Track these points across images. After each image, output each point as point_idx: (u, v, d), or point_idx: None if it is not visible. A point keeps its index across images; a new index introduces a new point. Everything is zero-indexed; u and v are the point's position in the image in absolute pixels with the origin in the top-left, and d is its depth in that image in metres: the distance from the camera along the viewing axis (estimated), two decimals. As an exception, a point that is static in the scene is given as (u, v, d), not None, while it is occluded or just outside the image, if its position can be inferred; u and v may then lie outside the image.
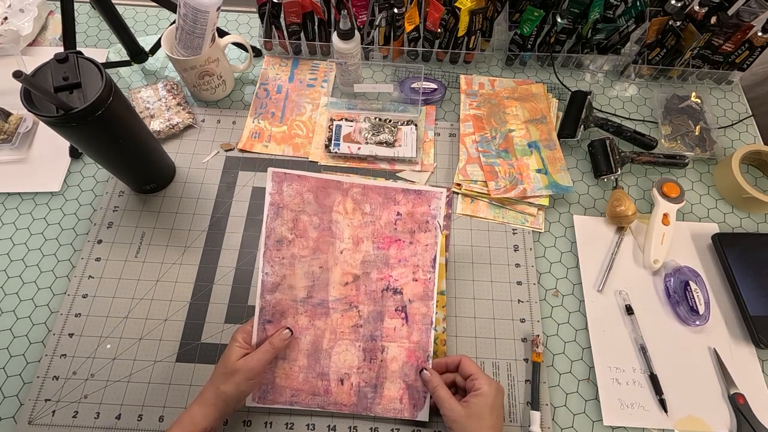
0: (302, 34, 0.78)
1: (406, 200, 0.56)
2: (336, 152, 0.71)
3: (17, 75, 0.43)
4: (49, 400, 0.54)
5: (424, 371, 0.51)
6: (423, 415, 0.53)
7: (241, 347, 0.49)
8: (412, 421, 0.54)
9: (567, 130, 0.71)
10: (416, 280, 0.55)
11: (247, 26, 0.87)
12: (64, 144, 0.70)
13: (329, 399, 0.53)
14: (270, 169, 0.52)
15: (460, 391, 0.52)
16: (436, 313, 0.59)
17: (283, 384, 0.53)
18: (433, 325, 0.54)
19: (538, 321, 0.60)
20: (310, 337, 0.54)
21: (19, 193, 0.67)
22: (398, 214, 0.56)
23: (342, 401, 0.53)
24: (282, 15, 0.74)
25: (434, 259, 0.55)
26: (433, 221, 0.56)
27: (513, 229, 0.67)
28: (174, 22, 0.66)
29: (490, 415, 0.47)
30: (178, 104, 0.73)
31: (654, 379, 0.57)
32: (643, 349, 0.58)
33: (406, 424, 0.54)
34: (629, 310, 0.61)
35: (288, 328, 0.52)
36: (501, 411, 0.48)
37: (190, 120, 0.73)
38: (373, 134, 0.72)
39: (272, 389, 0.53)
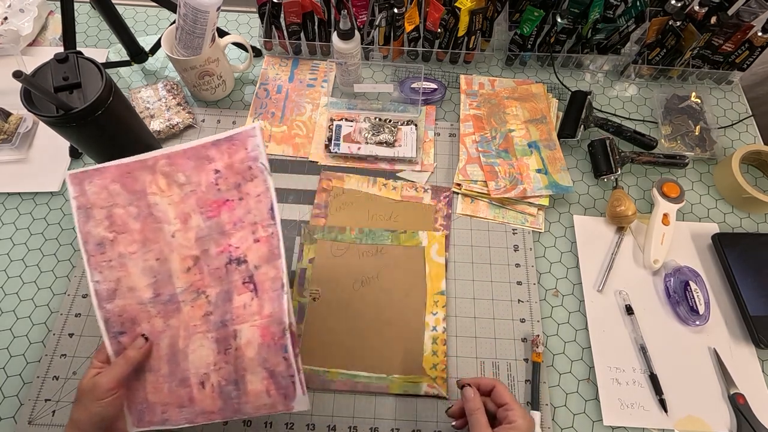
0: (302, 34, 0.78)
1: (219, 153, 0.49)
2: (336, 152, 0.71)
3: (17, 75, 0.43)
4: (49, 400, 0.54)
5: (467, 388, 0.47)
6: (301, 404, 0.45)
7: (95, 368, 0.44)
8: (411, 420, 0.54)
9: (567, 130, 0.71)
10: (258, 240, 0.47)
11: (247, 26, 0.87)
12: (64, 144, 0.70)
13: (195, 409, 0.45)
14: (67, 173, 0.48)
15: (488, 415, 0.47)
16: (436, 313, 0.60)
17: (154, 400, 0.46)
18: (286, 289, 0.45)
19: (538, 321, 0.60)
20: (167, 340, 0.47)
21: (19, 193, 0.67)
22: (216, 171, 0.49)
23: (207, 408, 0.45)
24: (282, 15, 0.74)
25: (272, 209, 0.47)
26: (256, 164, 0.48)
27: (513, 229, 0.67)
28: (174, 22, 0.66)
29: None
30: (178, 104, 0.73)
31: (654, 379, 0.57)
32: (643, 349, 0.58)
33: (406, 423, 0.54)
34: (629, 310, 0.61)
35: (143, 335, 0.45)
36: None
37: (190, 120, 0.73)
38: (373, 134, 0.72)
39: (147, 408, 0.46)
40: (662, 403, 0.55)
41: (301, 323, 0.59)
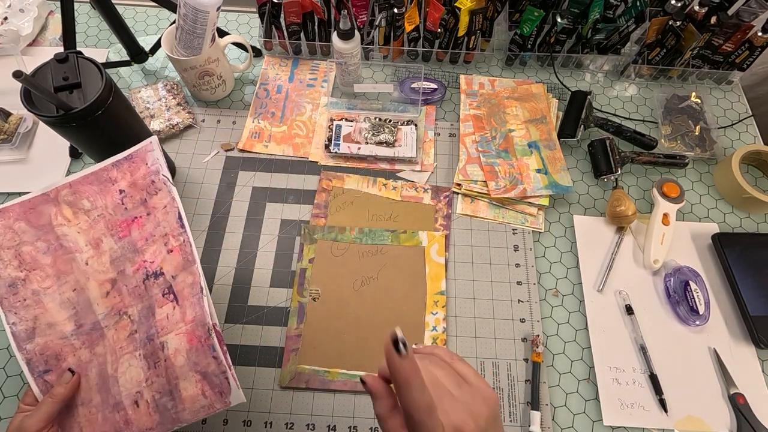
0: (302, 34, 0.78)
1: (121, 173, 0.50)
2: (336, 152, 0.71)
3: (17, 75, 0.43)
4: None
5: (367, 378, 0.31)
6: (237, 398, 0.44)
7: (22, 411, 0.43)
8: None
9: (567, 130, 0.71)
10: (171, 251, 0.48)
11: (247, 26, 0.87)
12: (64, 144, 0.70)
13: (132, 430, 0.45)
14: None
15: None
16: (435, 313, 0.59)
17: None
18: (205, 291, 0.45)
19: (538, 321, 0.60)
20: (95, 369, 0.47)
21: (19, 193, 0.67)
22: (121, 191, 0.49)
23: (145, 426, 0.45)
24: (282, 15, 0.74)
25: (180, 218, 0.48)
26: (158, 177, 0.49)
27: (513, 229, 0.67)
28: (174, 22, 0.66)
29: None
30: (178, 104, 0.73)
31: (654, 379, 0.57)
32: (643, 349, 0.58)
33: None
34: (629, 310, 0.61)
35: (69, 369, 0.44)
36: None
37: (190, 120, 0.73)
38: (373, 134, 0.72)
39: None
40: (662, 403, 0.55)
41: (302, 323, 0.59)
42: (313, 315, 0.60)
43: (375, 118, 0.73)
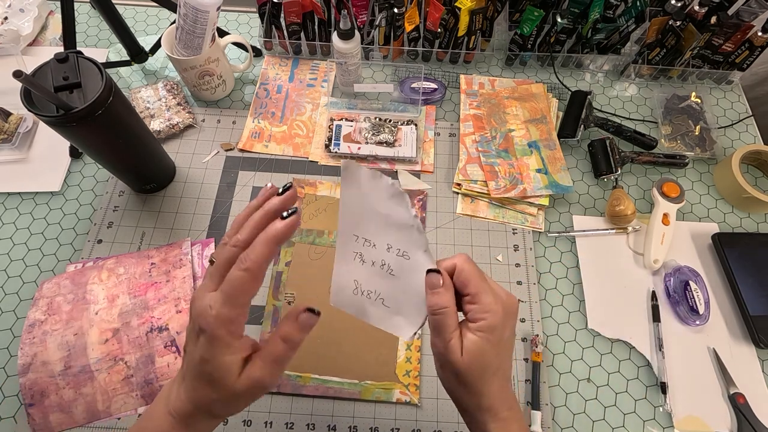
0: (302, 34, 0.78)
1: (158, 253, 0.61)
2: (336, 152, 0.71)
3: (17, 75, 0.43)
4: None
5: (433, 274, 0.34)
6: None
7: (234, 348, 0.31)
8: (411, 419, 0.54)
9: (567, 130, 0.71)
10: (180, 312, 0.56)
11: (247, 26, 0.87)
12: (64, 144, 0.70)
13: None
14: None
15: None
16: None
17: None
18: None
19: (538, 321, 0.60)
20: (81, 407, 0.52)
21: (19, 193, 0.67)
22: (152, 264, 0.60)
23: None
24: (282, 15, 0.74)
25: (193, 289, 0.57)
26: (186, 258, 0.60)
27: (513, 229, 0.67)
28: (174, 22, 0.66)
29: (497, 355, 0.33)
30: (178, 104, 0.73)
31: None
32: (643, 349, 0.58)
33: (406, 423, 0.54)
34: (629, 309, 0.61)
35: (312, 310, 0.34)
36: (512, 339, 0.35)
37: (190, 120, 0.73)
38: (373, 134, 0.72)
39: None
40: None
41: (276, 327, 0.58)
42: None
43: (375, 118, 0.73)
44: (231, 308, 0.30)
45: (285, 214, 0.31)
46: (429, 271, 0.34)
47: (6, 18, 0.80)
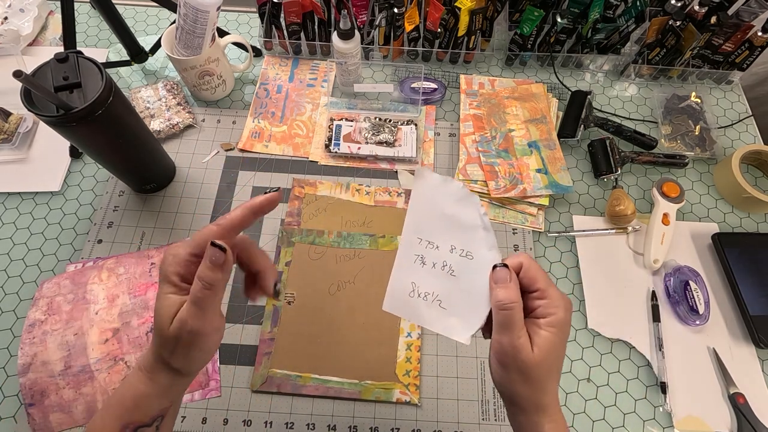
0: (302, 34, 0.78)
1: (158, 253, 0.60)
2: (336, 152, 0.71)
3: (17, 75, 0.43)
4: (49, 399, 0.55)
5: (501, 268, 0.34)
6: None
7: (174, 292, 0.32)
8: (411, 419, 0.54)
9: (567, 130, 0.71)
10: None
11: (247, 26, 0.87)
12: (64, 144, 0.70)
13: None
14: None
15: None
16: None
17: None
18: None
19: (538, 321, 0.60)
20: (81, 407, 0.52)
21: (19, 193, 0.67)
22: (152, 264, 0.60)
23: None
24: (282, 15, 0.74)
25: None
26: None
27: (513, 229, 0.67)
28: (174, 21, 0.66)
29: (563, 351, 0.34)
30: (178, 104, 0.73)
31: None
32: (643, 349, 0.58)
33: (406, 423, 0.54)
34: (629, 309, 0.61)
35: (217, 246, 0.31)
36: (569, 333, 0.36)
37: (190, 120, 0.73)
38: (373, 134, 0.72)
39: None
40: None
41: (276, 327, 0.59)
42: (288, 319, 0.59)
43: (375, 118, 0.73)
44: (191, 251, 0.32)
45: (267, 191, 0.35)
46: (496, 266, 0.34)
47: (6, 18, 0.80)
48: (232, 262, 0.32)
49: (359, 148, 0.71)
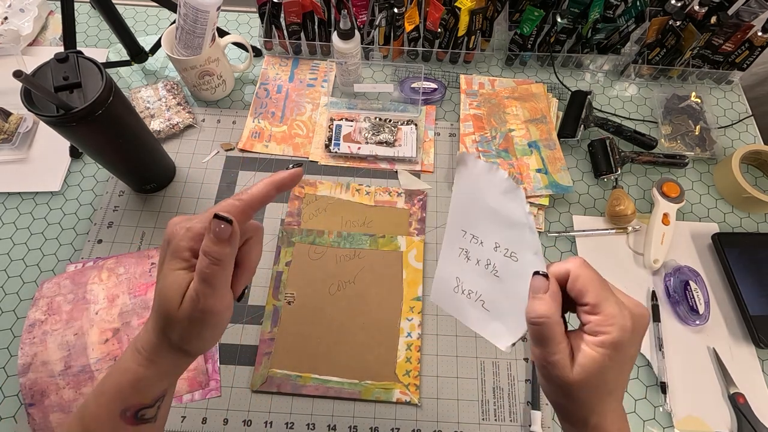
0: (302, 34, 0.78)
1: (158, 252, 0.56)
2: (336, 152, 0.71)
3: (17, 74, 0.43)
4: (49, 399, 0.55)
5: (538, 277, 0.31)
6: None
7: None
8: (411, 419, 0.54)
9: (567, 130, 0.71)
10: None
11: (247, 26, 0.87)
12: (64, 144, 0.70)
13: None
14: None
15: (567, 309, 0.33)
16: (411, 318, 0.59)
17: None
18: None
19: (538, 321, 0.60)
20: None
21: (19, 193, 0.67)
22: (152, 263, 0.60)
23: None
24: (282, 15, 0.74)
25: None
26: None
27: (513, 229, 0.66)
28: (174, 21, 0.66)
29: (620, 374, 0.29)
30: (178, 104, 0.73)
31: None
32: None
33: (406, 423, 0.54)
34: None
35: (221, 218, 0.29)
36: (636, 352, 0.30)
37: (190, 120, 0.73)
38: (373, 134, 0.72)
39: None
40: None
41: (276, 327, 0.58)
42: (288, 319, 0.59)
43: (375, 118, 0.73)
44: (205, 225, 0.30)
45: (290, 166, 0.33)
46: (535, 273, 0.31)
47: (6, 18, 0.80)
48: (239, 234, 0.30)
49: (359, 148, 0.71)
